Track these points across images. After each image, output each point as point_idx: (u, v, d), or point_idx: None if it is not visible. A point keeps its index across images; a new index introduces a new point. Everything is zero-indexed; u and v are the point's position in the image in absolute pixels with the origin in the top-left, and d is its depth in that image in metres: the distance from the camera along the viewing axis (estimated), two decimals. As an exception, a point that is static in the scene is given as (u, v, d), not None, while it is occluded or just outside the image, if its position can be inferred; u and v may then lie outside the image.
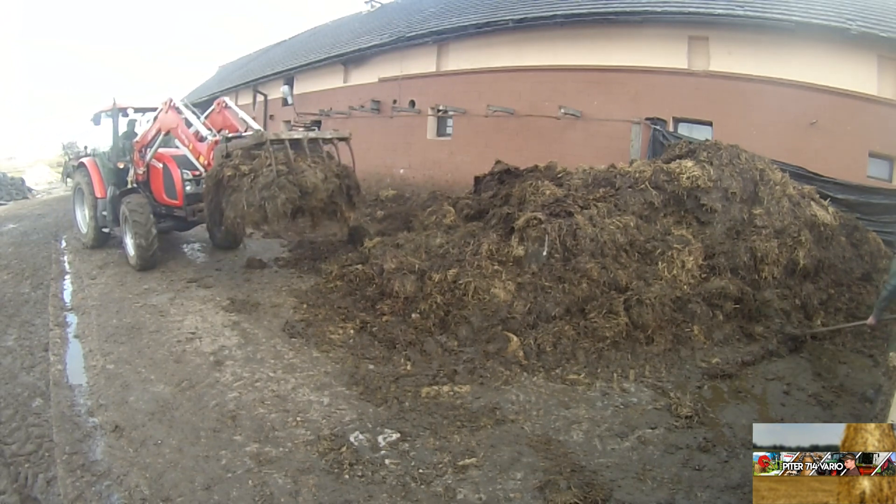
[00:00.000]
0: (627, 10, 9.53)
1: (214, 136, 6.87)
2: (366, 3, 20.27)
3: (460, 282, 5.60)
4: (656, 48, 9.38)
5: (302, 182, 5.95)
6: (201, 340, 5.23)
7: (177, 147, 8.22)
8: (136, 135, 8.47)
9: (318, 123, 15.55)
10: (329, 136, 6.91)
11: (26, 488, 3.23)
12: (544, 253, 5.78)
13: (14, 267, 7.94)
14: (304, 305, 6.11)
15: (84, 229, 9.21)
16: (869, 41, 7.54)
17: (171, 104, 7.39)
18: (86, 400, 4.21)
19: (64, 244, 9.54)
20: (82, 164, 9.02)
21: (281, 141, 6.22)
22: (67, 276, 7.56)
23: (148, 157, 7.99)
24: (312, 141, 6.59)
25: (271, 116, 15.06)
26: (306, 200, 6.04)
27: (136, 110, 8.69)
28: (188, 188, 7.68)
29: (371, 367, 4.75)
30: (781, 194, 6.66)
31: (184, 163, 7.65)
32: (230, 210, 6.00)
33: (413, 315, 5.54)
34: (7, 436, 3.74)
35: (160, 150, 8.14)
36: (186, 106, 7.64)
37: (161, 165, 7.90)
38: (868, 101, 7.72)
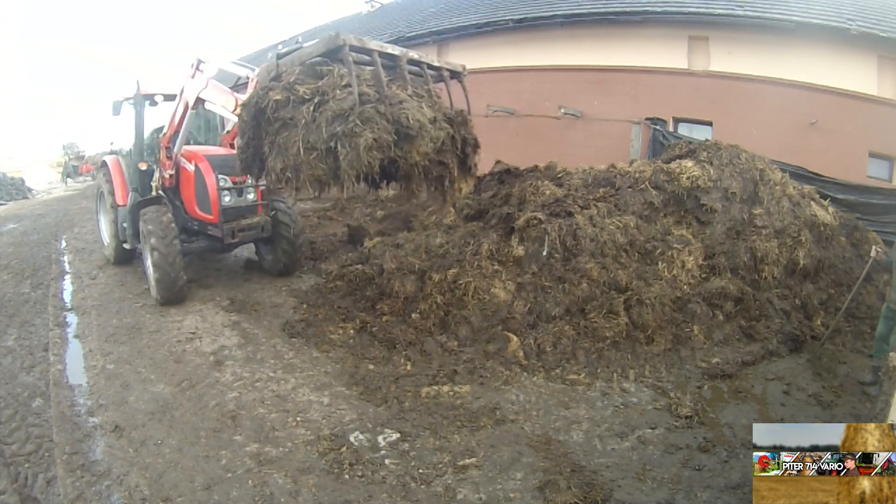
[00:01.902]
0: (627, 10, 9.54)
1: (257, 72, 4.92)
2: (366, 2, 20.31)
3: (460, 282, 5.59)
4: (656, 48, 9.39)
5: (400, 116, 3.77)
6: (201, 340, 5.23)
7: (198, 145, 7.09)
8: (162, 129, 6.91)
9: None
10: (437, 65, 4.65)
11: (26, 488, 3.23)
12: (544, 253, 5.78)
13: (14, 267, 7.94)
14: (304, 305, 6.10)
15: (106, 241, 7.87)
16: (869, 41, 7.54)
17: (198, 65, 5.82)
18: (86, 400, 4.21)
19: (64, 244, 9.54)
20: (104, 164, 7.70)
21: (368, 51, 4.02)
22: (67, 276, 7.56)
23: (175, 148, 6.42)
24: (415, 64, 4.41)
25: None
26: (405, 149, 3.84)
27: (167, 98, 6.85)
28: (226, 199, 6.20)
29: (371, 367, 4.75)
30: (781, 194, 6.66)
31: (220, 165, 6.30)
32: (277, 158, 4.03)
33: (413, 315, 5.54)
34: (7, 436, 3.74)
35: (193, 148, 6.81)
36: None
37: (192, 167, 6.40)
38: (868, 101, 7.73)
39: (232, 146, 6.82)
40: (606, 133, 9.76)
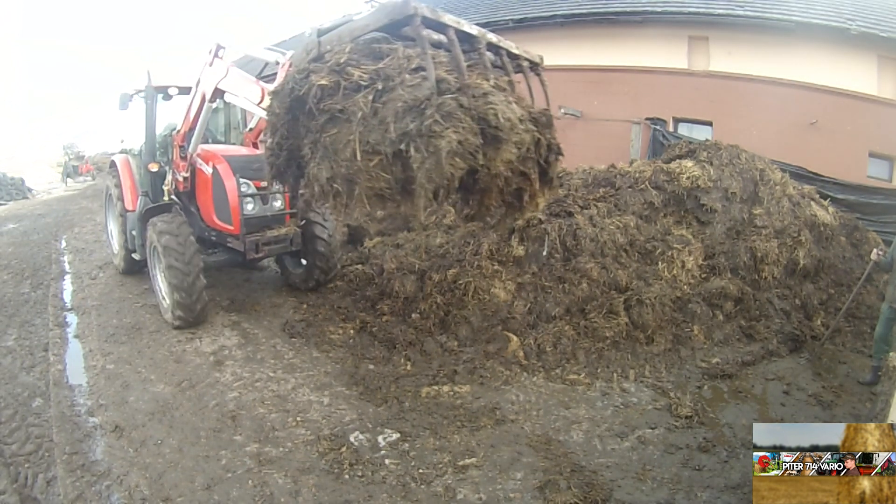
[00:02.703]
0: (627, 10, 9.54)
1: (289, 56, 4.13)
2: (366, 2, 20.27)
3: (460, 282, 5.59)
4: (656, 48, 9.39)
5: (486, 113, 2.75)
6: (201, 340, 5.23)
7: (215, 145, 6.26)
8: (175, 126, 6.14)
9: None
10: (516, 52, 3.57)
11: (26, 488, 3.23)
12: (544, 253, 5.78)
13: (14, 267, 7.94)
14: (304, 305, 6.10)
15: (115, 249, 7.25)
16: (869, 41, 7.54)
17: (217, 50, 5.01)
18: (86, 400, 4.21)
19: (64, 244, 9.54)
20: (113, 164, 7.02)
21: (442, 26, 2.97)
22: (67, 276, 7.56)
23: (190, 147, 5.66)
24: (493, 49, 3.37)
25: None
26: (488, 156, 2.79)
27: (181, 91, 6.10)
28: (248, 207, 5.36)
29: (371, 367, 4.75)
30: (781, 194, 6.66)
31: (242, 167, 5.49)
32: (322, 163, 2.98)
33: (413, 315, 5.54)
34: (7, 436, 3.74)
35: (211, 147, 6.04)
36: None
37: (210, 170, 5.61)
38: (868, 101, 7.73)
39: (255, 145, 6.26)
40: (606, 133, 9.76)
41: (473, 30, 3.25)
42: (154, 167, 6.01)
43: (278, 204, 5.74)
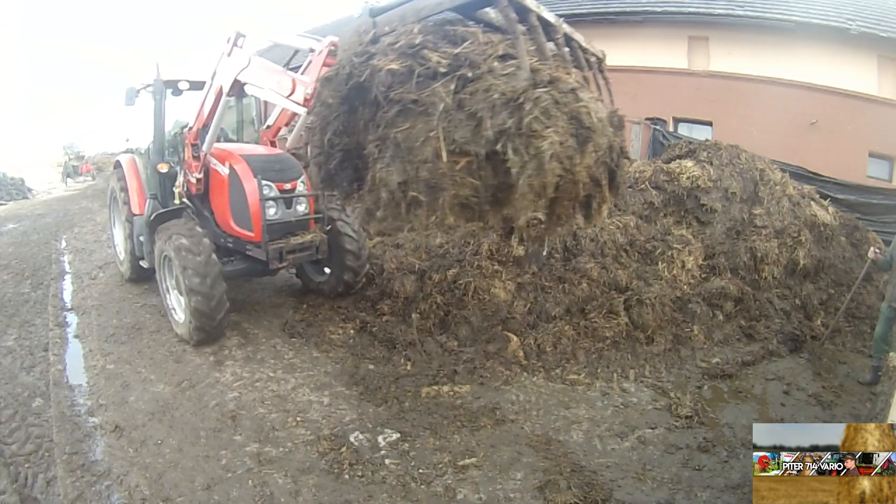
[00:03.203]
0: (627, 10, 9.54)
1: (327, 43, 3.91)
2: (365, 3, 20.24)
3: (460, 282, 5.60)
4: (656, 48, 9.39)
5: (579, 112, 2.42)
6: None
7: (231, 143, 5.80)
8: (186, 124, 5.75)
9: None
10: (585, 46, 3.26)
11: (26, 488, 3.23)
12: (544, 253, 5.78)
13: (14, 267, 7.93)
14: (304, 305, 6.10)
15: (121, 255, 6.89)
16: (869, 41, 7.55)
17: (237, 39, 4.60)
18: (86, 400, 4.21)
19: (64, 244, 9.54)
20: (118, 164, 6.61)
21: (525, 10, 2.58)
22: (67, 276, 7.55)
23: (204, 146, 5.20)
24: (568, 42, 3.04)
25: None
26: (576, 162, 2.48)
27: (193, 85, 5.69)
28: (270, 211, 4.97)
29: (371, 367, 4.75)
30: (781, 194, 6.67)
31: (263, 167, 5.05)
32: (393, 165, 2.45)
33: (413, 315, 5.54)
34: (7, 436, 3.74)
35: (227, 146, 5.60)
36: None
37: (226, 171, 5.18)
38: (868, 101, 7.74)
39: (273, 144, 5.89)
40: (606, 133, 9.76)
41: (551, 17, 2.88)
42: (164, 168, 5.60)
43: (302, 208, 5.30)
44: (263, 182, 4.88)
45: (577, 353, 4.92)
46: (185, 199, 5.48)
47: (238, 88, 4.67)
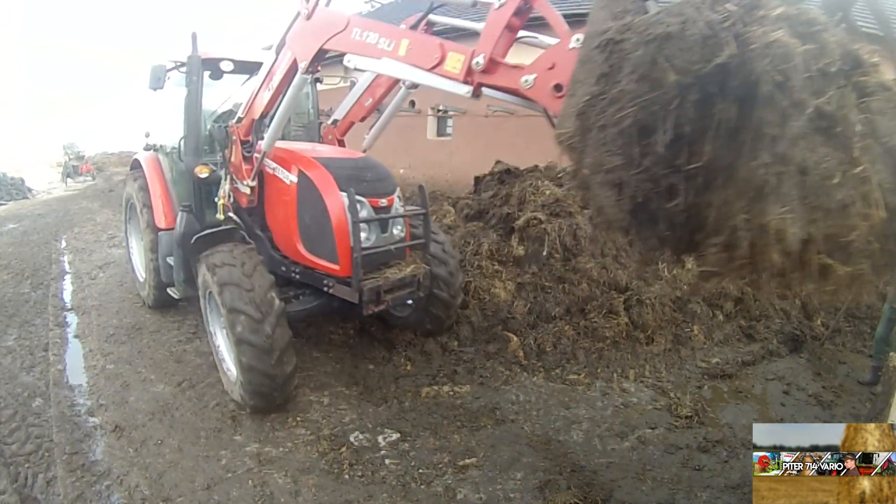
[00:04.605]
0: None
1: None
2: (366, 2, 20.27)
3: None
4: (656, 48, 9.37)
5: None
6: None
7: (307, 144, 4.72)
8: (228, 115, 4.66)
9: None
10: None
11: (26, 488, 3.23)
12: (544, 253, 5.78)
13: (14, 267, 7.94)
14: (304, 305, 6.10)
15: (141, 275, 5.78)
16: (869, 41, 7.54)
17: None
18: (86, 400, 4.21)
19: (64, 244, 9.54)
20: (137, 164, 5.49)
21: None
22: (67, 276, 7.56)
23: (264, 143, 3.98)
24: None
25: None
26: None
27: (240, 67, 4.60)
28: (363, 236, 3.77)
29: (371, 367, 4.75)
30: (782, 194, 6.66)
31: (348, 176, 3.84)
32: (799, 213, 1.41)
33: (413, 315, 5.52)
34: (7, 436, 3.74)
35: (289, 146, 4.35)
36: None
37: (292, 178, 3.97)
38: (868, 101, 7.73)
39: (342, 143, 4.78)
40: (606, 133, 9.75)
41: None
42: (204, 172, 4.42)
43: (399, 230, 4.17)
44: (353, 195, 3.65)
45: (577, 353, 4.92)
46: (230, 214, 4.38)
47: (320, 60, 3.45)
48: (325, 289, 3.99)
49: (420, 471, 3.36)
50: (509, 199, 7.24)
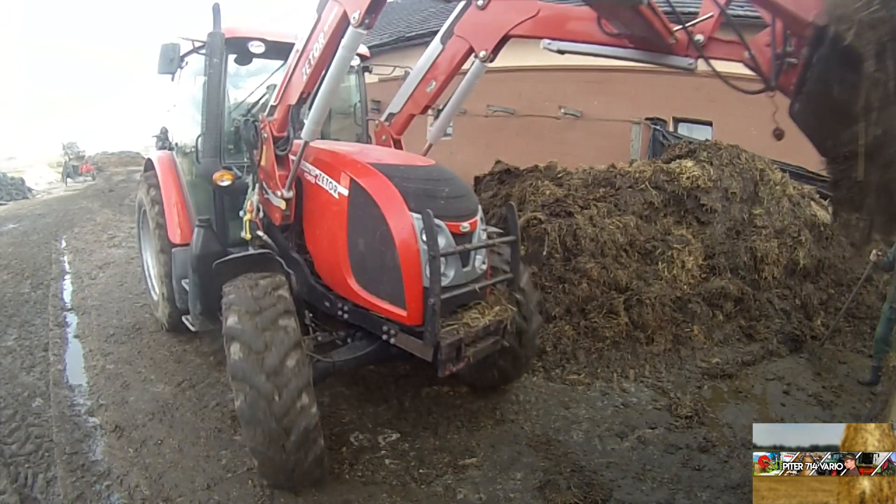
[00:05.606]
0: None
1: None
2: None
3: (460, 282, 5.57)
4: (657, 48, 9.38)
5: None
6: (201, 340, 5.22)
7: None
8: (255, 107, 3.92)
9: None
10: None
11: (26, 488, 3.23)
12: (544, 253, 5.78)
13: (14, 267, 7.94)
14: (304, 305, 6.09)
15: (155, 292, 5.04)
16: (869, 41, 7.54)
17: None
18: (86, 400, 4.21)
19: (64, 244, 9.54)
20: (150, 164, 4.79)
21: None
22: (67, 276, 7.56)
23: (304, 134, 3.11)
24: None
25: None
26: None
27: (272, 49, 3.74)
28: (444, 269, 2.85)
29: (371, 366, 4.75)
30: (781, 194, 6.66)
31: (419, 190, 2.94)
32: None
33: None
34: (7, 436, 3.74)
35: (333, 146, 3.62)
36: None
37: (342, 190, 3.08)
38: (868, 101, 7.72)
39: (398, 144, 4.00)
40: (606, 133, 9.75)
41: None
42: (226, 178, 3.59)
43: (480, 262, 3.24)
44: (437, 221, 2.73)
45: (577, 353, 4.92)
46: (259, 233, 3.51)
47: (374, 15, 2.60)
48: (385, 337, 3.07)
49: (420, 471, 3.35)
50: (509, 199, 7.24)
